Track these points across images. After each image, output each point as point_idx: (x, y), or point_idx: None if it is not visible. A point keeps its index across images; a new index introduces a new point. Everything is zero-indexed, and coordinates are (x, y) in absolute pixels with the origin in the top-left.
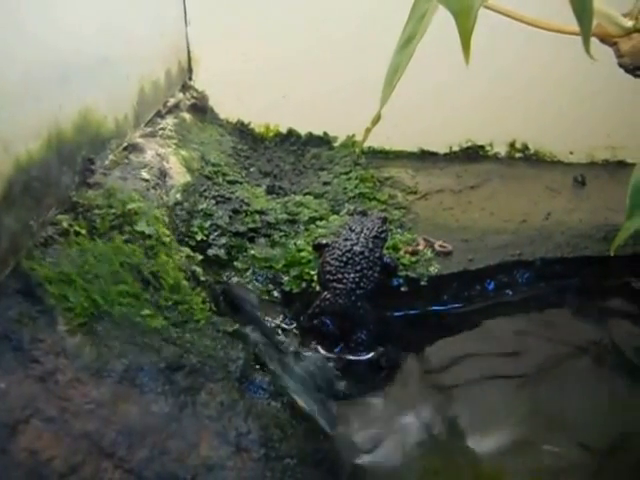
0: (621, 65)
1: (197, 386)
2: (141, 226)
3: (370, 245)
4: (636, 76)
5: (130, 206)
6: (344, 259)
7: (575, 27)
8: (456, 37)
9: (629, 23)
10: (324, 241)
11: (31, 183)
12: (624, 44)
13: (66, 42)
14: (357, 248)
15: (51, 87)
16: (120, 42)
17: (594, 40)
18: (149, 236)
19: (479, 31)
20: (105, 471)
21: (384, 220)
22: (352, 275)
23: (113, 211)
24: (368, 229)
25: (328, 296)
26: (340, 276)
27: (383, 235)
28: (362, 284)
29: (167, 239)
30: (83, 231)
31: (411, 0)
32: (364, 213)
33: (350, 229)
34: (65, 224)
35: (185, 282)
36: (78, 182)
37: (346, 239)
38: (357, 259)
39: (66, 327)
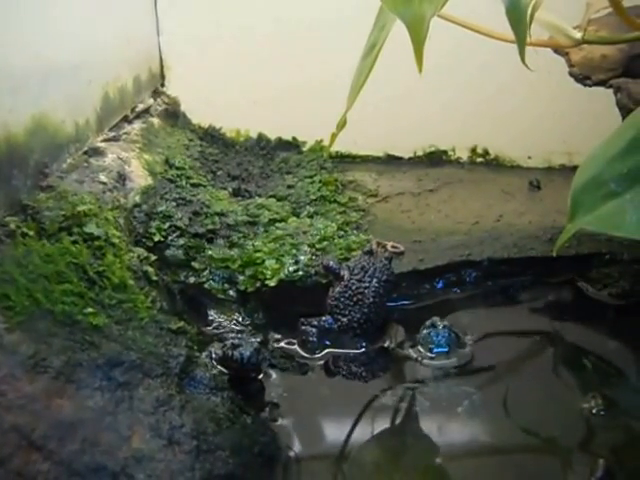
0: (572, 75)
1: (135, 382)
2: (90, 228)
3: (381, 291)
4: (585, 85)
5: (80, 208)
6: (354, 300)
7: (534, 39)
8: None
9: (578, 35)
10: (331, 263)
11: None
12: (575, 55)
13: (21, 47)
14: (368, 292)
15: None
16: (81, 48)
17: (549, 50)
18: (97, 237)
19: (443, 40)
20: (34, 463)
21: (391, 260)
22: (357, 315)
23: (63, 213)
24: (380, 272)
25: (330, 320)
26: (346, 312)
27: (392, 278)
28: (365, 326)
29: (116, 240)
30: (31, 232)
31: (377, 9)
32: (371, 252)
33: (363, 269)
34: (13, 226)
35: (132, 281)
36: (30, 185)
37: (360, 280)
38: (366, 302)
39: (5, 325)
